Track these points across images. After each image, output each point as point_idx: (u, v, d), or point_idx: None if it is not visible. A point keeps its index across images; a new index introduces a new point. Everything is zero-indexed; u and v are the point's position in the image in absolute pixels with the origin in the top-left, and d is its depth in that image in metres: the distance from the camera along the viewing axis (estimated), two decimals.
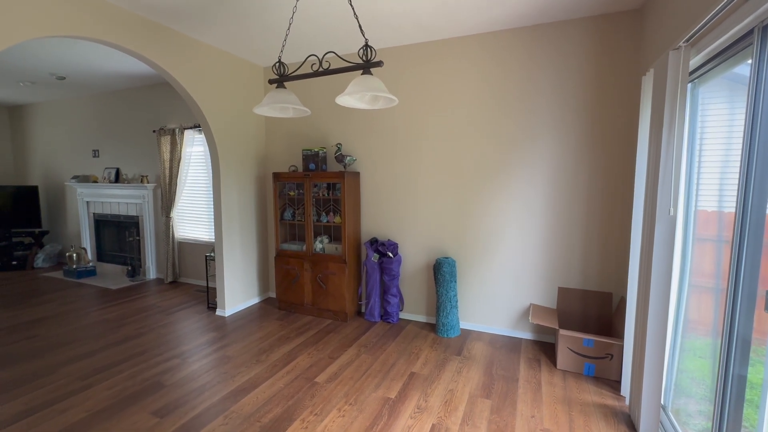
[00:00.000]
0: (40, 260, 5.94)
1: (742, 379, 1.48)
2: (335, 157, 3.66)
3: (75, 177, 5.63)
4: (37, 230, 6.07)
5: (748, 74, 1.46)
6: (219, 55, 3.63)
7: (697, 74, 1.93)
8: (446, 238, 3.54)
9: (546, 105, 3.09)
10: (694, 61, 1.85)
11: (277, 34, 3.28)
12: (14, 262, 5.75)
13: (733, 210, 1.50)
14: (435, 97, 3.46)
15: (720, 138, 1.89)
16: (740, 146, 1.45)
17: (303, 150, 3.84)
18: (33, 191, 6.01)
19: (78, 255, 5.41)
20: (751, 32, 1.43)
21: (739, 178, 1.46)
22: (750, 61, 1.43)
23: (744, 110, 1.46)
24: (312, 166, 3.81)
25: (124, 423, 2.15)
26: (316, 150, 3.78)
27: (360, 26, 1.86)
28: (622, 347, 2.59)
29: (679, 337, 2.17)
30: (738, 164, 1.46)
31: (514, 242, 3.30)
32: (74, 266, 5.32)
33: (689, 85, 2.03)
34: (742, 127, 1.45)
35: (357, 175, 3.80)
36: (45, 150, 6.26)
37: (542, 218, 3.19)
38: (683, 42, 1.77)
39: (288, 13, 2.86)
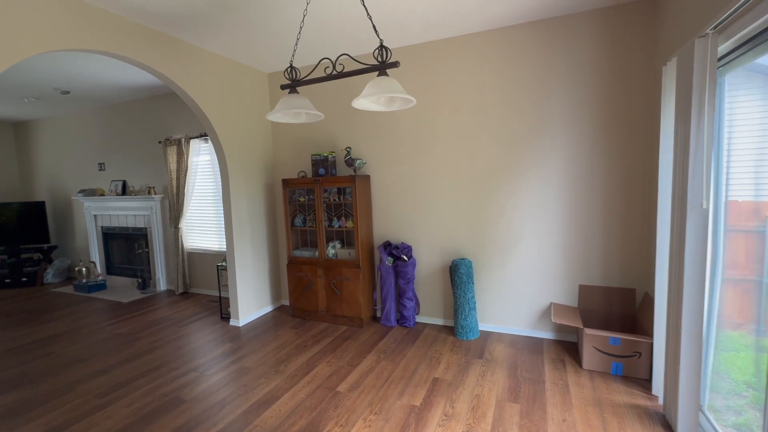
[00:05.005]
0: (49, 276, 5.92)
1: None
2: (345, 161, 3.61)
3: (82, 191, 5.61)
4: (45, 246, 6.05)
5: None
6: (224, 63, 3.60)
7: (724, 61, 1.87)
8: (461, 239, 3.48)
9: (559, 99, 3.03)
10: (721, 49, 1.79)
11: (281, 40, 3.24)
12: (24, 279, 5.73)
13: None
14: (445, 97, 3.41)
15: (752, 126, 1.83)
16: None
17: (312, 155, 3.80)
18: (40, 207, 5.99)
19: (87, 269, 5.38)
20: None
21: None
22: None
23: None
24: (321, 170, 3.76)
25: None
26: (325, 154, 3.73)
27: (374, 26, 1.82)
28: (650, 345, 2.52)
29: (713, 332, 2.10)
30: None
31: (531, 240, 3.23)
32: (84, 280, 5.30)
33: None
34: None
35: (367, 178, 3.75)
36: (51, 165, 6.26)
37: (560, 215, 3.13)
38: (710, 29, 1.71)
39: (292, 18, 2.82)
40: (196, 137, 4.68)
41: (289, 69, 2.10)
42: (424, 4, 2.68)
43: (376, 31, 1.84)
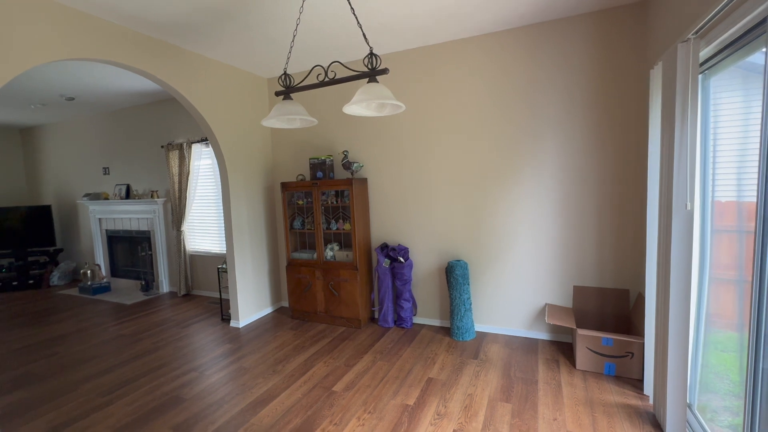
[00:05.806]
0: (55, 278, 6.03)
1: None
2: (342, 165, 3.67)
3: (86, 195, 5.71)
4: (51, 248, 6.17)
5: (762, 62, 1.43)
6: (224, 69, 3.68)
7: (708, 65, 1.90)
8: (457, 241, 3.52)
9: (551, 102, 3.07)
10: (705, 53, 1.82)
11: (279, 46, 3.31)
12: (30, 281, 5.85)
13: (754, 199, 1.47)
14: (439, 100, 3.46)
15: (735, 128, 1.86)
16: (758, 135, 1.42)
17: (310, 159, 3.86)
18: (46, 210, 6.11)
19: (92, 271, 5.49)
20: (763, 21, 1.40)
21: (759, 167, 1.42)
22: (764, 50, 1.41)
23: (761, 99, 1.43)
24: (320, 174, 3.82)
25: None
26: (323, 158, 3.79)
27: (364, 35, 1.87)
28: (642, 345, 2.54)
29: (702, 331, 2.12)
30: (757, 152, 1.43)
31: (526, 242, 3.27)
32: (89, 283, 5.39)
33: (700, 76, 2.00)
34: (760, 117, 1.42)
35: (365, 181, 3.81)
36: (56, 169, 6.38)
37: (554, 216, 3.16)
38: (692, 34, 1.75)
39: (290, 25, 2.88)
40: (198, 142, 4.77)
41: (283, 76, 2.16)
42: (419, 10, 2.73)
43: (366, 39, 1.89)
